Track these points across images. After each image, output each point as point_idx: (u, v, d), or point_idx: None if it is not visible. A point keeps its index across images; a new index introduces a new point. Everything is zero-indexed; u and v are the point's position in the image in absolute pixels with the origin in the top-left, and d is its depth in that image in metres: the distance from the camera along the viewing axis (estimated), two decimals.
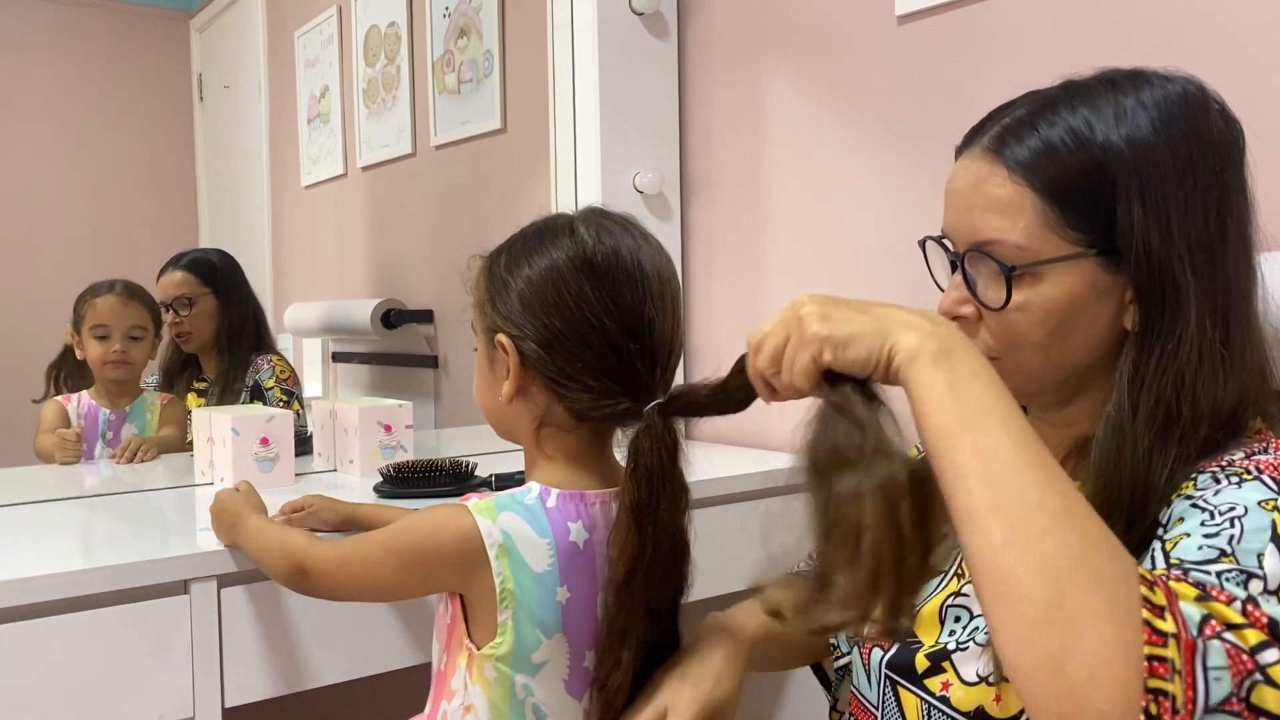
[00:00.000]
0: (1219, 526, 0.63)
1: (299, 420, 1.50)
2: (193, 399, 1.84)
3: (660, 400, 0.85)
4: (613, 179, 1.73)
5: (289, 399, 1.85)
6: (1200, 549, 0.62)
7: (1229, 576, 0.60)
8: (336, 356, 2.28)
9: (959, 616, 0.83)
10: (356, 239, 2.35)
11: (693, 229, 1.84)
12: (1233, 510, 0.64)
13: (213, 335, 1.85)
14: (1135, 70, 0.77)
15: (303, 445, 1.53)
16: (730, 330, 1.80)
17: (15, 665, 0.94)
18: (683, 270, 1.84)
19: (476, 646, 0.86)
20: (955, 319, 0.81)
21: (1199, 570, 0.61)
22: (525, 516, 0.86)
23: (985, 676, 0.77)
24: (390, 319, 2.13)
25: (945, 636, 0.82)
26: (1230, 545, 0.62)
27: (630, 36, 1.75)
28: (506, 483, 1.30)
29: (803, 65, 1.64)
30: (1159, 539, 0.67)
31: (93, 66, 1.95)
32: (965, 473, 0.61)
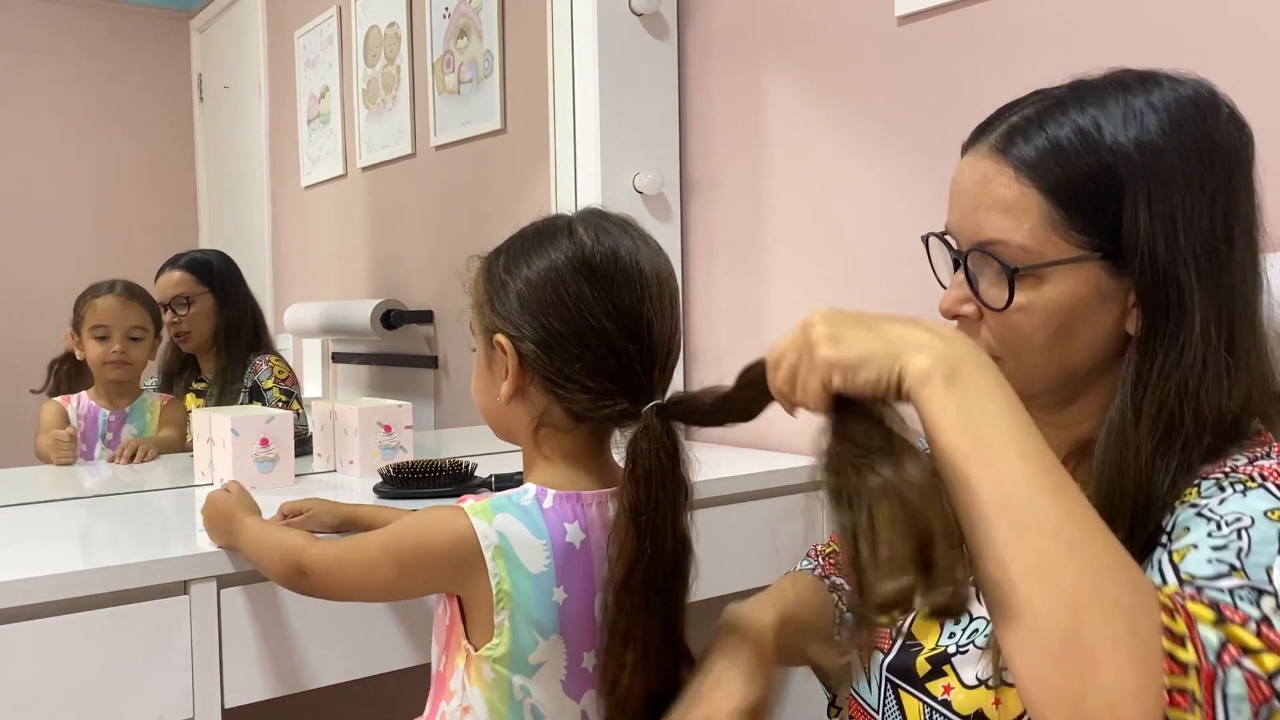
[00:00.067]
0: (1226, 538, 0.63)
1: (299, 420, 1.50)
2: (191, 399, 1.84)
3: (659, 401, 0.85)
4: (613, 179, 1.73)
5: (288, 399, 1.84)
6: (1210, 562, 0.62)
7: (1241, 594, 0.59)
8: (336, 357, 2.28)
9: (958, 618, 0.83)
10: (356, 239, 2.35)
11: (693, 229, 1.84)
12: (1239, 521, 0.64)
13: (211, 335, 1.85)
14: (1147, 72, 0.76)
15: (302, 446, 1.53)
16: (730, 330, 1.79)
17: (15, 666, 0.94)
18: (683, 270, 1.84)
19: (474, 647, 0.86)
20: (956, 318, 0.81)
21: (1212, 588, 0.60)
22: (521, 518, 0.86)
23: (985, 680, 0.76)
24: (390, 319, 2.13)
25: (945, 639, 0.82)
26: (1239, 559, 0.61)
27: (630, 37, 1.75)
28: (506, 483, 1.30)
29: (803, 66, 1.64)
30: (1163, 546, 0.67)
31: (93, 66, 1.95)
32: (979, 501, 0.60)
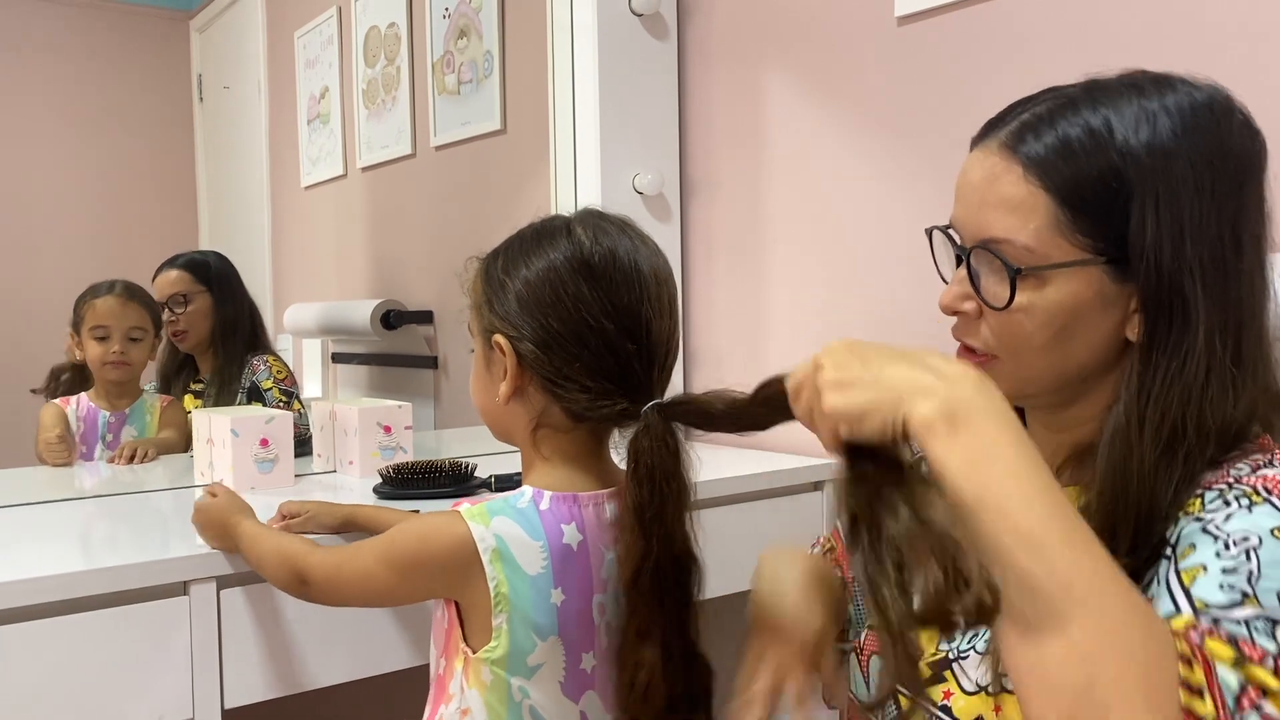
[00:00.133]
0: (1236, 560, 0.62)
1: (299, 421, 1.50)
2: (189, 400, 1.83)
3: (659, 400, 0.85)
4: (612, 180, 1.73)
5: (288, 399, 1.84)
6: (1222, 589, 0.61)
7: (1257, 625, 0.59)
8: (336, 357, 2.28)
9: None
10: (356, 240, 2.35)
11: (692, 230, 1.84)
12: (1247, 540, 0.63)
13: (208, 334, 1.85)
14: (1163, 74, 0.75)
15: (302, 446, 1.53)
16: (730, 330, 1.79)
17: (15, 666, 0.94)
18: (682, 271, 1.84)
19: (472, 650, 0.86)
20: (955, 314, 0.80)
21: (1228, 619, 0.59)
22: (518, 520, 0.86)
23: (984, 686, 0.76)
24: (390, 320, 2.13)
25: (945, 644, 0.81)
26: (1251, 585, 0.60)
27: (630, 37, 1.75)
28: (506, 484, 1.30)
29: (803, 66, 1.64)
30: (1168, 559, 0.66)
31: (93, 66, 1.95)
32: (987, 550, 0.58)
